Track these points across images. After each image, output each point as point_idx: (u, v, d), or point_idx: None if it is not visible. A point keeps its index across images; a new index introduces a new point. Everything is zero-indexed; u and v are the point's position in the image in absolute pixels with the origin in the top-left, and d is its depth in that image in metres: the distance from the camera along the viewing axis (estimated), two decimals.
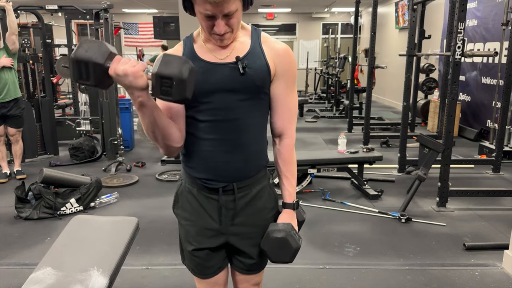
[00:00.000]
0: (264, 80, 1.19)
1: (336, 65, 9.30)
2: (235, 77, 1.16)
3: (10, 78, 4.04)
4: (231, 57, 1.17)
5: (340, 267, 2.57)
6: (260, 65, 1.18)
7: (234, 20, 1.11)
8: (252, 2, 1.14)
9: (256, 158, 1.27)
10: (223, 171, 1.22)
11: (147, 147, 5.71)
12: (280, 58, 1.21)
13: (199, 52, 1.19)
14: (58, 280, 1.52)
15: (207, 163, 1.22)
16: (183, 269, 1.40)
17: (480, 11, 6.05)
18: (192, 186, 1.28)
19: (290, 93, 1.25)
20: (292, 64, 1.24)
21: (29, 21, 6.04)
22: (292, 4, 11.25)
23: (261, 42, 1.21)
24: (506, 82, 4.41)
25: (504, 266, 2.54)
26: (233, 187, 1.24)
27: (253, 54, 1.18)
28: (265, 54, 1.19)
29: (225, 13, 1.07)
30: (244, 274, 1.37)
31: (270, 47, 1.21)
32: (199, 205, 1.27)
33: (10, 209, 3.44)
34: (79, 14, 5.02)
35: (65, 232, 1.80)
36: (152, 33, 6.34)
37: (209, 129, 1.20)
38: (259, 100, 1.22)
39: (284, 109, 1.26)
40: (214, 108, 1.18)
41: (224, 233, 1.28)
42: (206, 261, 1.32)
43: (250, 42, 1.20)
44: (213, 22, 1.09)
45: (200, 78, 1.16)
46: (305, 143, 5.87)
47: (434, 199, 3.57)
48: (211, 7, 1.05)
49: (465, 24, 3.48)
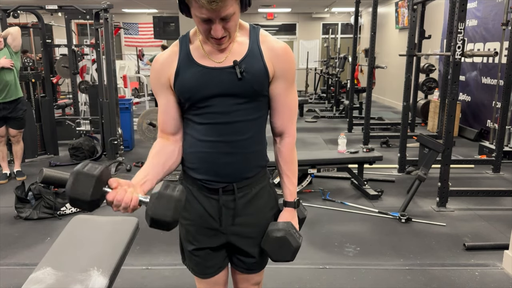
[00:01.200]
0: (262, 83, 1.19)
1: (336, 65, 9.30)
2: (233, 82, 1.15)
3: (11, 79, 4.03)
4: (228, 60, 1.16)
5: (340, 267, 2.57)
6: (258, 69, 1.16)
7: (232, 24, 1.09)
8: (250, 3, 1.12)
9: (256, 159, 1.27)
10: (223, 172, 1.22)
11: (147, 147, 5.70)
12: (279, 58, 1.19)
13: (195, 56, 1.18)
14: (58, 280, 1.52)
15: (206, 164, 1.22)
16: (183, 269, 1.40)
17: (480, 11, 6.05)
18: (192, 186, 1.28)
19: (289, 92, 1.24)
20: (291, 63, 1.22)
21: (29, 21, 6.03)
22: (292, 4, 11.25)
23: (260, 42, 1.19)
24: (506, 82, 4.41)
25: (504, 266, 2.54)
26: (233, 187, 1.24)
27: (251, 56, 1.17)
28: (264, 55, 1.18)
29: (222, 16, 1.05)
30: (244, 273, 1.37)
31: (268, 47, 1.19)
32: (199, 205, 1.27)
33: (10, 209, 3.44)
34: (79, 14, 5.01)
35: (65, 232, 1.80)
36: (152, 33, 6.36)
37: (208, 131, 1.20)
38: (257, 102, 1.21)
39: (284, 108, 1.25)
40: (213, 112, 1.18)
41: (224, 232, 1.28)
42: (206, 260, 1.32)
43: (248, 43, 1.18)
44: (209, 26, 1.08)
45: (197, 83, 1.16)
46: (305, 143, 5.87)
47: (434, 199, 3.57)
48: (207, 11, 1.03)
49: (465, 24, 3.48)
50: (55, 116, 5.48)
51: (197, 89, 1.16)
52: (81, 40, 10.14)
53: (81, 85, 6.20)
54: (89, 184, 0.99)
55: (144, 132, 5.53)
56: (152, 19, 6.07)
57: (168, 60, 1.20)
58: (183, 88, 1.18)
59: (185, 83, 1.17)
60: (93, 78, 6.25)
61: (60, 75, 6.78)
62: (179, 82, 1.18)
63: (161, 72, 1.21)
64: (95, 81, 5.86)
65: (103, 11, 4.62)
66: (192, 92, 1.17)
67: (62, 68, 6.37)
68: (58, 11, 4.97)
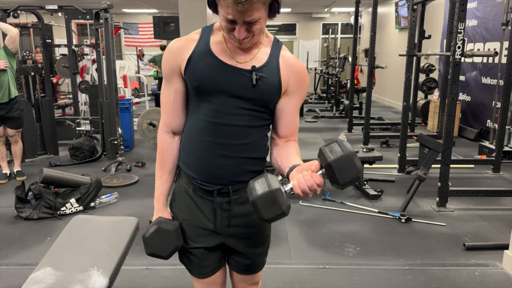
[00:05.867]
0: (273, 96, 1.19)
1: (336, 65, 9.29)
2: (245, 86, 1.15)
3: (6, 79, 4.02)
4: (248, 64, 1.15)
5: (340, 267, 2.57)
6: (273, 82, 1.16)
7: (257, 27, 1.08)
8: (279, 11, 1.10)
9: (254, 165, 1.26)
10: (218, 174, 1.21)
11: (147, 147, 5.71)
12: (295, 77, 1.20)
13: (214, 49, 1.16)
14: (58, 280, 1.52)
15: (202, 164, 1.22)
16: (183, 269, 1.40)
17: (480, 11, 6.05)
18: (188, 186, 1.27)
19: (297, 110, 1.26)
20: (306, 85, 1.23)
21: (29, 21, 6.04)
22: (292, 4, 11.25)
23: (280, 56, 1.19)
24: (506, 82, 4.41)
25: (504, 266, 2.54)
26: (229, 190, 1.23)
27: (269, 68, 1.16)
28: (281, 70, 1.17)
29: (247, 20, 1.05)
30: (242, 274, 1.37)
31: (287, 63, 1.19)
32: (195, 205, 1.27)
33: (10, 209, 3.44)
34: (79, 14, 5.01)
35: (65, 232, 1.80)
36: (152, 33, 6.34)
37: (208, 130, 1.19)
38: (262, 113, 1.21)
39: (289, 122, 1.25)
40: (215, 109, 1.17)
41: (219, 233, 1.28)
42: (202, 260, 1.32)
43: (269, 54, 1.18)
44: (233, 26, 1.07)
45: (209, 74, 1.15)
46: (305, 143, 5.86)
47: (434, 199, 3.57)
48: (233, 11, 1.03)
49: (465, 24, 3.48)
50: (55, 116, 5.48)
51: (208, 80, 1.15)
52: (81, 40, 10.14)
53: (81, 85, 6.19)
54: (171, 244, 1.28)
55: (144, 132, 5.54)
56: (152, 19, 6.06)
57: (184, 46, 1.19)
58: (194, 76, 1.16)
59: (197, 71, 1.16)
60: (93, 78, 6.24)
61: (60, 75, 6.77)
62: (191, 68, 1.16)
63: (175, 56, 1.19)
64: (95, 81, 5.86)
65: (103, 11, 4.62)
66: (202, 81, 1.15)
67: (62, 68, 6.37)
68: (58, 11, 4.97)
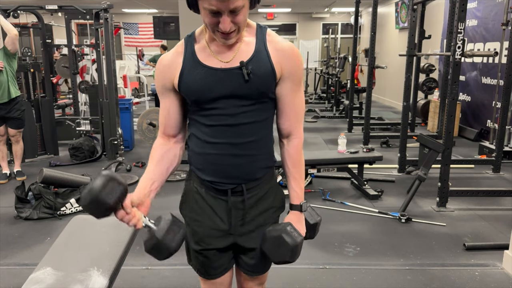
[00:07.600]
0: (269, 84, 1.17)
1: (336, 65, 9.30)
2: (239, 83, 1.14)
3: (5, 79, 4.02)
4: (235, 60, 1.13)
5: (340, 267, 2.57)
6: (265, 70, 1.14)
7: (241, 17, 1.06)
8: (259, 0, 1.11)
9: (264, 160, 1.26)
10: (231, 174, 1.21)
11: (147, 147, 5.71)
12: (286, 60, 1.17)
13: (201, 57, 1.15)
14: (58, 280, 1.52)
15: (214, 166, 1.21)
16: (183, 269, 1.40)
17: (480, 11, 6.05)
18: (200, 186, 1.26)
19: (296, 93, 1.23)
20: (299, 64, 1.20)
21: (29, 21, 6.04)
22: (292, 4, 11.25)
23: (267, 42, 1.17)
24: (506, 82, 4.40)
25: (504, 266, 2.54)
26: (242, 188, 1.23)
27: (258, 57, 1.14)
28: (271, 55, 1.15)
29: (231, 8, 1.03)
30: (250, 275, 1.37)
31: (276, 47, 1.17)
32: (207, 205, 1.26)
33: (10, 209, 3.44)
34: (79, 14, 5.01)
35: (65, 232, 1.80)
36: (152, 33, 6.36)
37: (215, 133, 1.18)
38: (264, 104, 1.20)
39: (291, 109, 1.24)
40: (219, 114, 1.17)
41: (232, 233, 1.27)
42: (213, 261, 1.31)
43: (255, 43, 1.16)
44: (218, 19, 1.05)
45: (203, 85, 1.14)
46: (305, 143, 5.81)
47: (434, 199, 3.57)
48: (216, 2, 1.01)
49: (465, 24, 3.48)
50: (55, 116, 5.48)
51: (203, 91, 1.14)
52: (81, 40, 10.14)
53: (81, 85, 6.20)
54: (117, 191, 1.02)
55: (144, 132, 5.54)
56: (152, 19, 6.07)
57: (172, 62, 1.18)
58: (189, 90, 1.16)
59: (190, 85, 1.15)
60: (93, 78, 6.25)
61: (60, 75, 6.78)
62: (184, 84, 1.16)
63: (165, 74, 1.19)
64: (95, 81, 5.87)
65: (103, 11, 4.62)
66: (198, 94, 1.15)
67: (62, 68, 6.37)
68: (58, 11, 4.97)
